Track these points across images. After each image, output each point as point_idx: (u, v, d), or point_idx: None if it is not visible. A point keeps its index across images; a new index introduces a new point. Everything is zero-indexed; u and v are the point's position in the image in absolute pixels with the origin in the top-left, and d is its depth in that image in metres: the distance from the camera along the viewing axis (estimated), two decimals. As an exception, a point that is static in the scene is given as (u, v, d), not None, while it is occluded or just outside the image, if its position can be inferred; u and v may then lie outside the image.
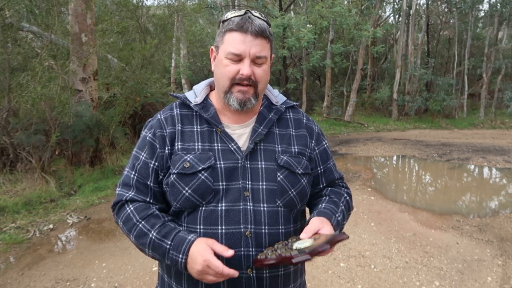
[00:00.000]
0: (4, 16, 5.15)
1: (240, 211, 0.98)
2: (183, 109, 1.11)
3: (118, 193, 1.07)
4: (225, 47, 1.01)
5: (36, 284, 2.88)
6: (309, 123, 1.19)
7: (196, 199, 0.99)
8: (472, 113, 16.78)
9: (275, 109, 1.13)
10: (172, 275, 1.06)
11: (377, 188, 5.70)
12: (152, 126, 1.09)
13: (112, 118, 6.37)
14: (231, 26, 1.00)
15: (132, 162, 1.08)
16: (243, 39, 0.98)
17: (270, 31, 1.04)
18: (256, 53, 0.99)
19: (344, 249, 3.48)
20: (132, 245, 3.64)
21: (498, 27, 16.93)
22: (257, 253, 0.98)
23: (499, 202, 5.35)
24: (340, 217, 1.08)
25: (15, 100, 5.02)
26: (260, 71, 1.02)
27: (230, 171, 1.01)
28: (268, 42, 1.03)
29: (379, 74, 19.35)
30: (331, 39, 13.84)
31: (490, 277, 2.99)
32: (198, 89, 1.14)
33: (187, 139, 1.05)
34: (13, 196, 4.61)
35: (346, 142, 10.21)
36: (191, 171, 0.99)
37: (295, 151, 1.09)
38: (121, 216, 1.03)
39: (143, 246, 0.99)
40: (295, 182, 1.05)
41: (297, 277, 1.11)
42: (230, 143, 1.04)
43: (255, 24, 0.99)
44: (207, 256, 0.89)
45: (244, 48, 0.98)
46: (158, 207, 1.04)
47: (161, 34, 10.21)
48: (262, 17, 1.03)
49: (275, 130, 1.10)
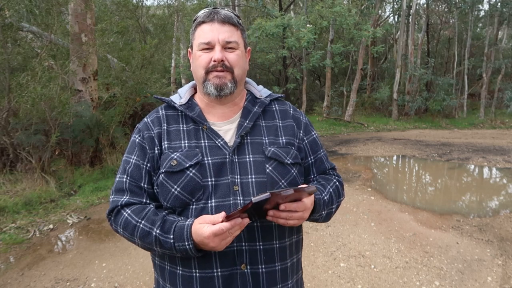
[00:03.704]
0: (4, 16, 5.15)
1: (230, 206, 0.98)
2: (168, 110, 1.12)
3: (112, 200, 1.04)
4: (196, 41, 1.05)
5: (36, 284, 2.88)
6: (296, 114, 1.18)
7: (186, 197, 0.98)
8: (472, 113, 16.77)
9: (259, 102, 1.14)
10: (166, 277, 1.05)
11: (377, 188, 5.70)
12: (140, 129, 1.10)
13: (112, 118, 6.37)
14: (199, 20, 1.05)
15: (123, 166, 1.07)
16: (210, 27, 1.02)
17: (239, 21, 1.07)
18: (225, 38, 1.02)
19: (344, 249, 3.48)
20: (132, 245, 3.63)
21: (498, 27, 16.91)
22: (250, 247, 0.98)
23: (499, 202, 5.35)
24: (327, 196, 1.07)
25: (15, 100, 5.02)
26: (232, 56, 1.03)
27: (218, 167, 1.00)
28: (237, 30, 1.05)
29: (379, 74, 19.35)
30: (331, 39, 13.84)
31: (490, 277, 2.99)
32: (182, 91, 1.15)
33: (174, 137, 1.05)
34: (13, 196, 4.61)
35: (346, 142, 10.21)
36: (178, 169, 0.99)
37: (283, 141, 1.09)
38: (119, 222, 1.01)
39: (150, 245, 0.97)
40: (285, 172, 1.04)
41: (293, 273, 1.09)
42: (217, 139, 1.04)
43: (220, 13, 1.03)
44: (206, 232, 0.87)
45: (212, 36, 1.01)
46: (155, 204, 1.03)
47: (161, 34, 10.23)
48: (229, 10, 1.07)
49: (261, 123, 1.10)
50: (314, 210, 1.01)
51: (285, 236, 1.05)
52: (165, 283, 1.05)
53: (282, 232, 1.04)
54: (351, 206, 4.72)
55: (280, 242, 1.03)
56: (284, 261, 1.04)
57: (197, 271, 0.98)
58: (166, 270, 1.04)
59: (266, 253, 1.00)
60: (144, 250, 1.04)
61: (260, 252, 0.99)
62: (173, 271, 1.02)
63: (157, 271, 1.09)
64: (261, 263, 0.99)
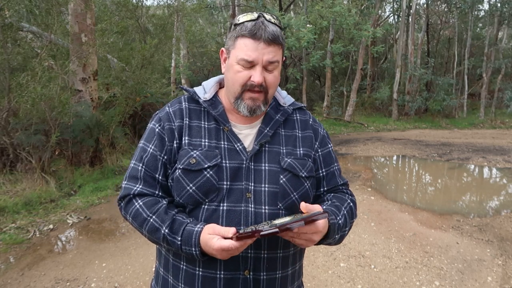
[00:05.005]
0: (4, 16, 5.14)
1: (241, 212, 0.98)
2: (191, 103, 1.10)
3: (124, 186, 1.04)
4: (236, 52, 0.99)
5: (36, 284, 2.88)
6: (315, 125, 1.17)
7: (200, 197, 0.99)
8: (472, 113, 16.77)
9: (282, 110, 1.12)
10: (169, 269, 1.05)
11: (377, 188, 5.70)
12: (161, 118, 1.07)
13: (112, 118, 6.37)
14: (244, 32, 0.97)
15: (140, 154, 1.05)
16: (255, 46, 0.97)
17: (283, 36, 1.02)
18: (268, 59, 0.98)
19: (344, 249, 3.48)
20: (132, 245, 3.63)
21: (498, 27, 16.90)
22: (256, 255, 0.98)
23: (499, 202, 5.35)
24: (341, 220, 1.03)
25: (15, 100, 5.01)
26: (271, 77, 1.01)
27: (235, 171, 1.00)
28: (280, 48, 1.01)
29: (379, 74, 19.34)
30: (331, 39, 13.84)
31: (490, 277, 2.99)
32: (207, 86, 1.13)
33: (194, 134, 1.04)
34: (13, 196, 4.61)
35: (346, 142, 10.21)
36: (196, 168, 0.99)
37: (300, 153, 1.08)
38: (130, 211, 1.01)
39: (158, 240, 0.99)
40: (298, 185, 1.04)
41: (294, 279, 1.10)
42: (236, 142, 1.04)
43: (268, 31, 0.96)
44: (215, 245, 0.88)
45: (256, 56, 0.97)
46: (168, 199, 1.03)
47: (161, 34, 10.21)
48: (275, 21, 1.01)
49: (281, 132, 1.09)
50: (328, 234, 0.98)
51: (289, 245, 1.05)
52: (167, 274, 1.06)
53: (287, 242, 1.02)
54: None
55: (284, 251, 1.04)
56: (285, 269, 1.05)
57: (200, 269, 0.99)
58: (170, 262, 1.05)
59: (269, 261, 1.01)
60: (150, 241, 1.04)
61: (264, 260, 1.00)
62: (176, 265, 1.03)
63: (161, 261, 1.10)
64: (264, 270, 1.00)
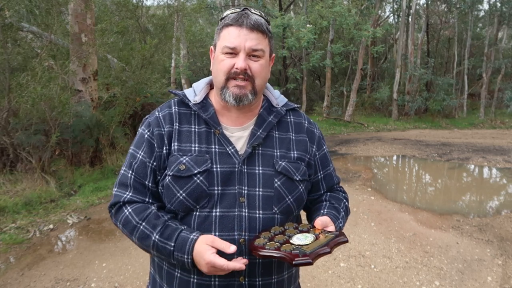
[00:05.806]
0: (4, 16, 5.14)
1: (235, 218, 0.96)
2: (181, 107, 1.07)
3: (115, 193, 1.03)
4: (221, 42, 1.00)
5: (36, 284, 2.88)
6: (311, 126, 1.15)
7: (190, 203, 0.96)
8: (472, 113, 16.77)
9: (275, 112, 1.09)
10: (163, 276, 1.04)
11: (377, 188, 5.70)
12: (150, 124, 1.05)
13: (112, 118, 6.37)
14: (227, 21, 0.99)
15: (129, 160, 1.04)
16: (238, 32, 0.97)
17: (268, 27, 1.02)
18: (251, 46, 0.97)
19: (344, 249, 3.48)
20: (132, 245, 3.62)
21: (498, 27, 16.92)
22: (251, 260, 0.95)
23: (499, 202, 5.36)
24: (341, 223, 1.09)
25: (15, 100, 5.01)
26: (256, 65, 0.99)
27: (227, 176, 0.98)
28: (265, 37, 1.00)
29: (379, 74, 19.34)
30: (331, 39, 13.84)
31: (490, 277, 2.99)
32: (197, 88, 1.10)
33: (184, 139, 1.02)
34: (13, 196, 4.61)
35: (346, 142, 10.21)
36: (186, 174, 0.97)
37: (294, 156, 1.06)
38: (120, 218, 1.00)
39: (147, 247, 0.97)
40: (293, 188, 1.03)
41: (290, 283, 1.09)
42: (228, 146, 1.01)
43: (250, 18, 0.97)
44: (208, 259, 0.86)
45: (238, 41, 0.96)
46: (157, 205, 1.01)
47: (161, 34, 10.20)
48: (260, 14, 1.01)
49: (275, 134, 1.07)
50: None
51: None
52: (162, 282, 1.05)
53: None
54: (351, 206, 4.69)
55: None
56: (281, 274, 1.04)
57: (195, 276, 0.98)
58: (163, 269, 1.04)
59: (264, 267, 1.00)
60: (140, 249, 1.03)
61: (259, 265, 0.99)
62: (171, 272, 1.02)
63: (155, 268, 1.09)
64: (259, 275, 0.99)
